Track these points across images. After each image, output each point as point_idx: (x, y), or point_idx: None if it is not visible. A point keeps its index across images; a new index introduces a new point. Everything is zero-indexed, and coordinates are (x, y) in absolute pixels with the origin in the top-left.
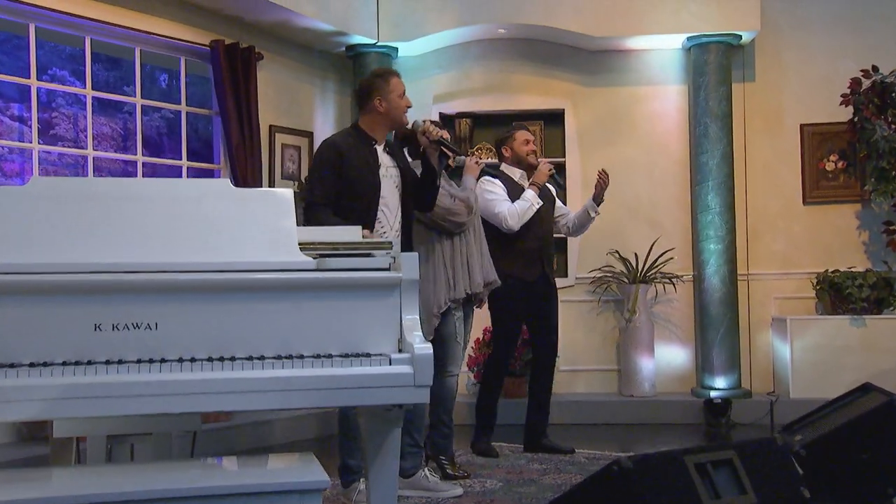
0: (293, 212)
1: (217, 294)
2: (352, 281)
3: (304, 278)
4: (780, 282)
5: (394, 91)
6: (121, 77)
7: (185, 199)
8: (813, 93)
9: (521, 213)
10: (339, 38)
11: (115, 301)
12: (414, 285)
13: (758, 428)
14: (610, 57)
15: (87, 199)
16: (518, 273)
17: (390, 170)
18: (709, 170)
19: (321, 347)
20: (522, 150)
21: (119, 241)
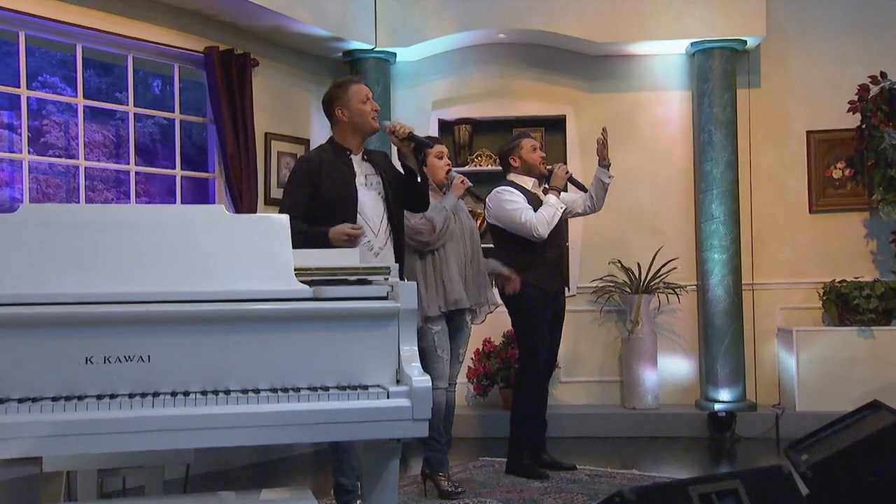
0: (289, 237)
1: (211, 325)
2: (349, 311)
3: (299, 308)
4: (785, 292)
5: (353, 97)
6: (113, 83)
7: (177, 225)
8: (819, 99)
9: (550, 219)
10: (335, 44)
11: (107, 333)
12: (412, 315)
13: (763, 442)
14: (612, 62)
15: (78, 226)
16: (541, 284)
17: (370, 178)
18: (713, 178)
19: (317, 379)
20: (532, 158)
21: (111, 270)
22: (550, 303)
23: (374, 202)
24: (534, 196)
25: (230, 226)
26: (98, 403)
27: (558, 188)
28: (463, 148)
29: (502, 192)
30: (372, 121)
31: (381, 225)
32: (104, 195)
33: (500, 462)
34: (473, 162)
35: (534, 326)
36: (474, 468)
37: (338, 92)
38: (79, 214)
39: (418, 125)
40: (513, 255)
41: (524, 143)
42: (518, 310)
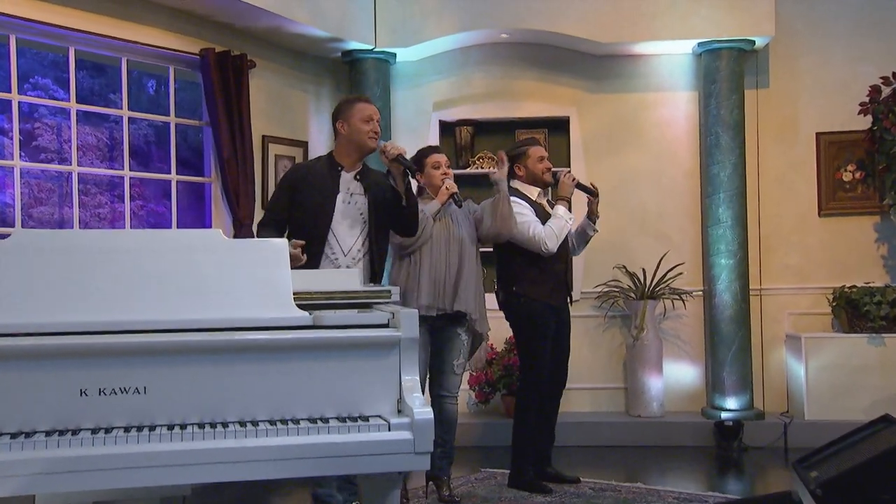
0: (287, 261)
1: (208, 356)
2: (349, 340)
3: (299, 338)
4: (794, 297)
5: (356, 115)
6: (106, 84)
7: (174, 251)
8: (830, 100)
9: (559, 232)
10: (334, 45)
11: (102, 364)
12: (413, 344)
13: (771, 452)
14: (617, 62)
15: (72, 253)
16: (546, 298)
17: (355, 196)
18: (720, 181)
19: (317, 409)
20: (538, 169)
21: (106, 299)
22: (554, 317)
23: (352, 222)
24: (539, 207)
25: (228, 251)
26: (93, 438)
27: (567, 197)
28: (464, 150)
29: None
30: (368, 140)
31: (353, 245)
32: (97, 199)
33: (503, 474)
34: (475, 164)
35: (537, 341)
36: (476, 480)
37: (344, 106)
38: (72, 240)
39: (419, 127)
40: (517, 268)
41: (532, 151)
42: (521, 324)
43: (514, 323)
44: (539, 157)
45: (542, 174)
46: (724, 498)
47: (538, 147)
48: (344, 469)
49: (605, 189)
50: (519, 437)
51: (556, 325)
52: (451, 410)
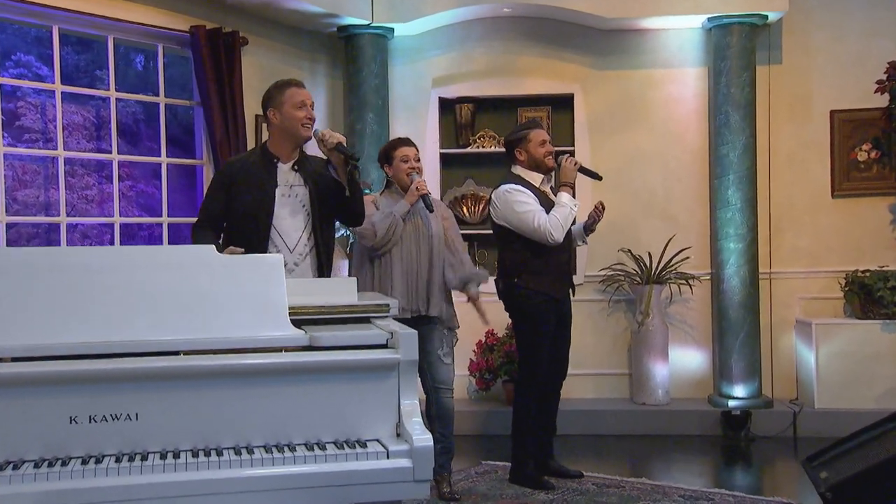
0: (283, 277)
1: (202, 380)
2: (346, 364)
3: (295, 363)
4: (805, 281)
5: (287, 101)
6: (92, 60)
7: (167, 268)
8: (845, 76)
9: (564, 221)
10: (330, 20)
11: (92, 391)
12: (413, 366)
13: (780, 441)
14: (623, 37)
15: (61, 271)
16: (548, 290)
17: (295, 189)
18: (729, 162)
19: (313, 433)
20: (539, 154)
21: (97, 319)
22: (556, 309)
23: (293, 215)
24: (542, 193)
25: (222, 267)
26: (83, 470)
27: (570, 183)
28: (465, 128)
29: (512, 192)
30: (302, 128)
31: (299, 240)
32: (85, 180)
33: (504, 467)
34: (476, 143)
35: (537, 334)
36: (477, 475)
37: (274, 92)
38: (61, 258)
39: (417, 104)
40: (519, 258)
41: (533, 135)
42: (522, 316)
43: (513, 314)
44: (541, 140)
45: (544, 159)
46: (730, 495)
47: (539, 130)
48: (342, 499)
49: (610, 169)
50: (518, 431)
51: (557, 317)
52: (447, 403)
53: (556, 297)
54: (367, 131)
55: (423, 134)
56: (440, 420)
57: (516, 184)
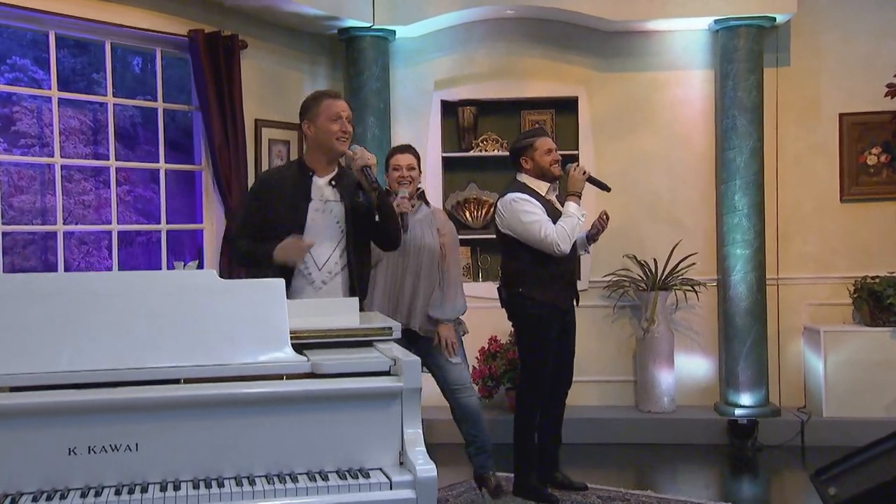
0: (284, 302)
1: (202, 410)
2: (348, 392)
3: (296, 391)
4: (813, 287)
5: (323, 113)
6: (90, 63)
7: (167, 294)
8: (854, 79)
9: (571, 232)
10: (330, 22)
11: (92, 421)
12: (416, 394)
13: (787, 451)
14: (628, 39)
15: (59, 298)
16: (553, 300)
17: (330, 204)
18: (736, 167)
19: (315, 463)
20: (545, 162)
21: (95, 347)
22: (560, 319)
23: (326, 231)
24: (548, 203)
25: (223, 292)
26: (83, 502)
27: (578, 192)
28: (467, 131)
29: (518, 201)
30: (337, 142)
31: (329, 258)
32: (82, 185)
33: (507, 478)
34: (478, 147)
35: (541, 343)
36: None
37: (310, 104)
38: (58, 285)
39: (419, 107)
40: (524, 268)
41: (539, 143)
42: (525, 325)
43: (517, 324)
44: (547, 149)
45: (551, 167)
46: None
47: (545, 138)
48: None
49: (614, 173)
50: (521, 442)
51: (561, 327)
52: (468, 403)
53: (560, 307)
54: (369, 135)
55: (424, 137)
56: (467, 421)
57: (522, 192)
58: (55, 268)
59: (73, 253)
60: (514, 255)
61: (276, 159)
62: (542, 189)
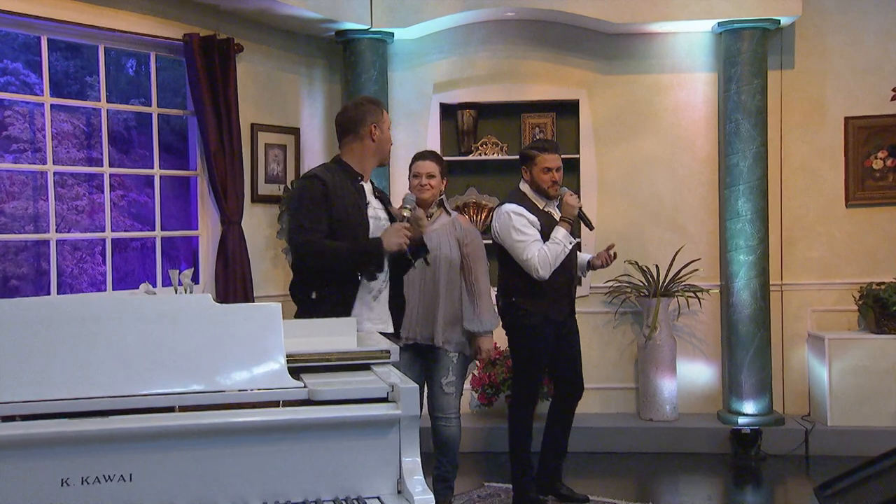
0: (280, 326)
1: (198, 438)
2: (345, 420)
3: (293, 420)
4: (818, 293)
5: (385, 122)
6: (83, 66)
7: (161, 318)
8: (860, 82)
9: (553, 259)
10: (327, 25)
11: (85, 452)
12: (415, 422)
13: (791, 460)
14: (630, 41)
15: (50, 324)
16: (546, 312)
17: (378, 211)
18: (739, 172)
19: (312, 490)
20: (542, 180)
21: (87, 375)
22: (554, 330)
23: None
24: (545, 214)
25: (218, 317)
26: None
27: (569, 220)
28: (466, 135)
29: (512, 216)
30: (388, 153)
31: (385, 264)
32: (75, 190)
33: (507, 490)
34: (478, 150)
35: (531, 355)
36: (479, 498)
37: (374, 108)
38: (50, 309)
39: (418, 110)
40: (516, 278)
41: (539, 159)
42: (516, 336)
43: (509, 332)
44: (545, 167)
45: (547, 187)
46: None
47: (547, 156)
48: None
49: (616, 177)
50: (517, 452)
51: (557, 339)
52: (448, 433)
53: (553, 318)
54: None
55: (423, 141)
56: (440, 449)
57: (519, 204)
58: (48, 275)
59: (66, 259)
60: (508, 263)
61: (273, 164)
62: (540, 202)
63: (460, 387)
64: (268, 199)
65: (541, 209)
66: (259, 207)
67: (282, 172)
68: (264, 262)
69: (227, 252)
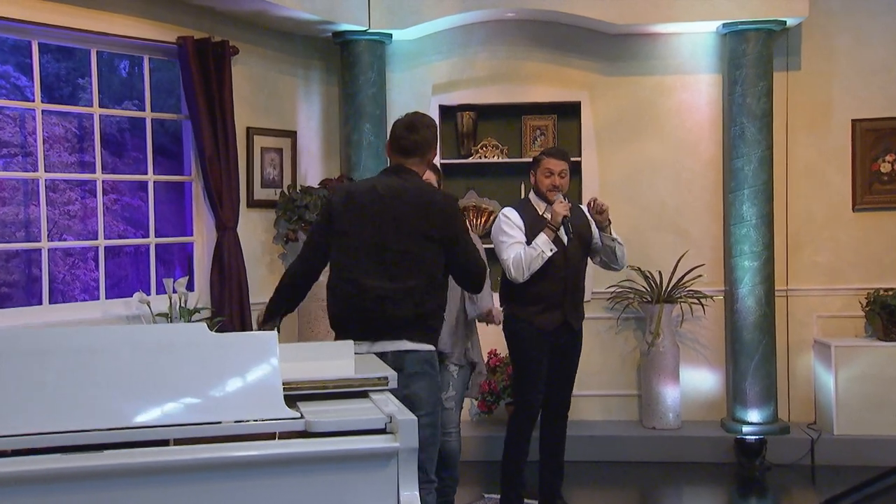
0: (277, 356)
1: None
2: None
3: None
4: (824, 298)
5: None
6: (74, 68)
7: (155, 349)
8: (867, 83)
9: (527, 263)
10: (325, 27)
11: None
12: (413, 455)
13: (796, 470)
14: (633, 42)
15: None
16: (533, 320)
17: None
18: (744, 176)
19: None
20: (542, 183)
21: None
22: (549, 340)
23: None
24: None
25: (214, 347)
26: None
27: (553, 226)
28: (466, 137)
29: (501, 217)
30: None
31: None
32: (67, 195)
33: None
34: (478, 153)
35: (526, 366)
36: None
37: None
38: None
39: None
40: (509, 285)
41: (543, 162)
42: (509, 343)
43: (507, 341)
44: (547, 169)
45: (546, 190)
46: None
47: (551, 159)
48: None
49: (619, 181)
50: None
51: (553, 349)
52: (445, 447)
53: (543, 328)
54: (364, 142)
55: None
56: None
57: (516, 209)
58: (40, 282)
59: (58, 265)
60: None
61: (269, 168)
62: (540, 208)
63: (461, 401)
64: (264, 203)
65: (541, 215)
66: (255, 212)
67: (278, 176)
68: (260, 268)
69: (223, 258)
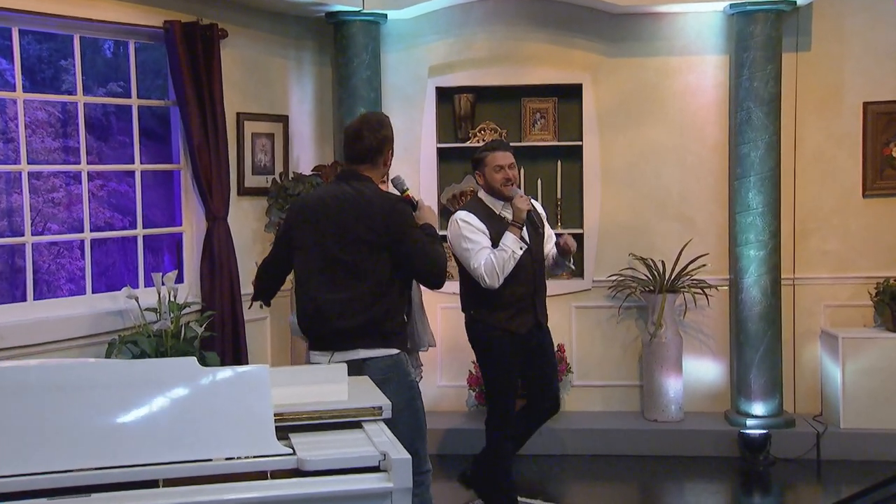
0: (268, 391)
1: None
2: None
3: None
4: (832, 287)
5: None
6: (57, 49)
7: (144, 385)
8: (880, 65)
9: (501, 267)
10: (317, 7)
11: None
12: (406, 495)
13: (802, 465)
14: (637, 22)
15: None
16: (506, 325)
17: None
18: (750, 162)
19: None
20: (494, 180)
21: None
22: (520, 344)
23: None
24: (500, 221)
25: (204, 382)
26: None
27: (518, 224)
28: (464, 120)
29: (461, 224)
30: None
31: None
32: (51, 182)
33: None
34: (476, 137)
35: (497, 373)
36: None
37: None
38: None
39: (413, 94)
40: (473, 290)
41: (489, 159)
42: (480, 350)
43: (473, 347)
44: (496, 165)
45: (501, 186)
46: None
47: (497, 153)
48: None
49: (621, 166)
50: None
51: (526, 354)
52: None
53: (515, 331)
54: None
55: (418, 127)
56: None
57: (472, 212)
58: (23, 273)
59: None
60: (464, 275)
61: (260, 154)
62: (497, 207)
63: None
64: (255, 191)
65: (497, 214)
66: (246, 201)
67: (269, 163)
68: (252, 258)
69: (213, 249)
